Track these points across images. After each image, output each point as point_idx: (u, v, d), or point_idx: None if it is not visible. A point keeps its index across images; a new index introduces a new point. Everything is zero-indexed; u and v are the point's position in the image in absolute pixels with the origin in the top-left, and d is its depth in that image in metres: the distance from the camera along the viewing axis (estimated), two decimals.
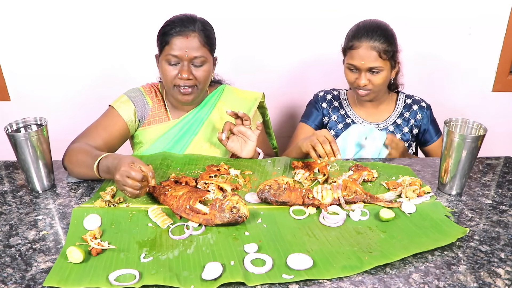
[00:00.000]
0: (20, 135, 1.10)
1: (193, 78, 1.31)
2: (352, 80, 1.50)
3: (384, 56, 1.43)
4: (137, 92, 1.42)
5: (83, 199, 1.14)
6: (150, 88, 1.45)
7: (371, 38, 1.42)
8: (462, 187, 1.17)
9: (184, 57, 1.28)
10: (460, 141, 1.10)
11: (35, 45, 1.91)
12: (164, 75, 1.33)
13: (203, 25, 1.31)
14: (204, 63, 1.32)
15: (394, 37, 1.47)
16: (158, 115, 1.43)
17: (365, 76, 1.46)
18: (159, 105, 1.43)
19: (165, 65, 1.31)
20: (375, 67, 1.44)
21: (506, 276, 0.86)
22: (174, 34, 1.27)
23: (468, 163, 1.12)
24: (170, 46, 1.28)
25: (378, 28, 1.44)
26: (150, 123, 1.42)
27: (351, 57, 1.47)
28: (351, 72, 1.50)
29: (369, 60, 1.43)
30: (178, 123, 1.42)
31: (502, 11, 1.95)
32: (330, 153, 1.19)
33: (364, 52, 1.43)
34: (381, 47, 1.42)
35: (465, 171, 1.14)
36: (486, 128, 1.15)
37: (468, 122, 1.20)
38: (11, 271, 0.86)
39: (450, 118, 1.21)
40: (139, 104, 1.40)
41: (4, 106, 2.02)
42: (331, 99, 1.66)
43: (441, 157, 1.17)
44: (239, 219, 0.98)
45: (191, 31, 1.28)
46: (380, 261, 0.87)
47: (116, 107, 1.36)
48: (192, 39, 1.28)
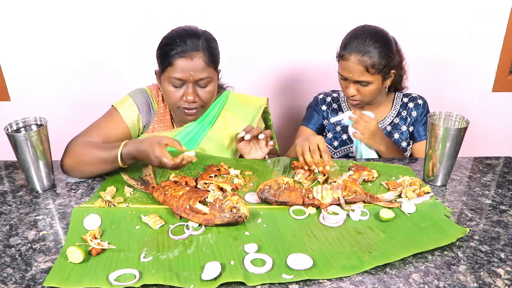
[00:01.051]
0: (20, 135, 1.10)
1: (199, 100, 1.27)
2: (344, 88, 1.50)
3: (372, 71, 1.39)
4: (143, 94, 1.36)
5: (83, 199, 1.14)
6: (157, 92, 1.39)
7: (359, 52, 1.38)
8: (447, 179, 1.22)
9: (189, 79, 1.22)
10: (444, 133, 1.14)
11: (35, 45, 1.91)
12: (168, 97, 1.28)
13: (207, 42, 1.23)
14: (210, 83, 1.27)
15: (388, 48, 1.41)
16: (163, 122, 1.38)
17: (353, 86, 1.44)
18: (165, 112, 1.38)
19: (169, 87, 1.25)
20: (362, 81, 1.41)
21: (506, 276, 0.86)
22: (177, 56, 1.20)
23: (452, 154, 1.17)
24: (173, 68, 1.21)
25: (371, 39, 1.39)
26: (155, 129, 1.37)
27: (341, 67, 1.45)
28: (342, 81, 1.49)
29: (356, 74, 1.40)
30: (181, 132, 1.37)
31: (502, 11, 1.95)
32: (318, 163, 1.20)
33: (351, 65, 1.40)
34: (369, 62, 1.38)
35: (450, 163, 1.19)
36: (468, 120, 1.19)
37: (451, 115, 1.24)
38: (11, 271, 0.87)
39: (434, 112, 1.25)
40: (144, 109, 1.34)
41: (4, 106, 2.02)
42: (330, 102, 1.65)
43: (425, 149, 1.21)
44: (239, 219, 0.98)
45: (195, 52, 1.20)
46: (380, 261, 0.87)
47: (120, 110, 1.31)
48: (196, 60, 1.21)
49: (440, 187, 1.21)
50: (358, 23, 1.93)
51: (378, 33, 1.42)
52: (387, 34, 1.44)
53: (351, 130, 1.44)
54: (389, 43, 1.42)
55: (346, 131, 1.59)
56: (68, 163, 1.21)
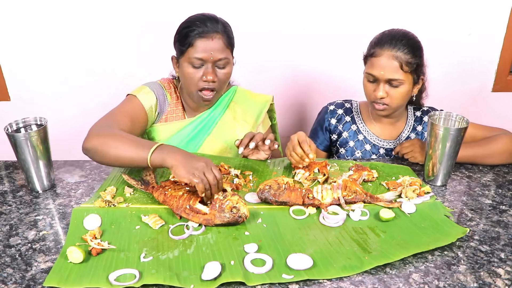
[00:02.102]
0: (20, 135, 1.10)
1: (217, 80, 1.29)
2: (370, 92, 1.39)
3: (406, 68, 1.31)
4: (158, 86, 1.39)
5: (83, 199, 1.14)
6: (169, 84, 1.42)
7: (394, 46, 1.31)
8: (447, 179, 1.21)
9: (209, 59, 1.25)
10: (444, 133, 1.14)
11: (35, 45, 1.91)
12: (187, 78, 1.30)
13: (224, 26, 1.28)
14: (227, 65, 1.30)
15: (420, 50, 1.36)
16: (176, 112, 1.41)
17: (383, 88, 1.34)
18: (177, 102, 1.42)
19: (188, 67, 1.28)
20: (395, 79, 1.32)
21: (506, 276, 0.86)
22: (197, 36, 1.24)
23: (452, 154, 1.17)
24: (194, 48, 1.25)
25: (403, 37, 1.33)
26: (167, 119, 1.40)
27: (371, 66, 1.36)
28: (369, 83, 1.38)
29: (389, 70, 1.31)
30: (192, 122, 1.41)
31: (502, 11, 1.95)
32: (302, 156, 1.21)
33: (385, 61, 1.32)
34: (404, 58, 1.31)
35: (450, 163, 1.18)
36: (468, 120, 1.19)
37: (451, 115, 1.24)
38: (11, 271, 0.87)
39: (434, 112, 1.25)
40: (160, 98, 1.37)
41: (4, 106, 2.02)
42: (342, 114, 1.53)
43: (426, 149, 1.20)
44: (239, 219, 0.98)
45: (215, 33, 1.25)
46: (380, 261, 0.87)
47: (139, 96, 1.32)
48: (216, 41, 1.25)
49: (440, 187, 1.21)
50: (358, 24, 1.94)
51: (409, 33, 1.38)
52: (416, 37, 1.39)
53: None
54: (420, 45, 1.38)
55: (360, 147, 1.51)
56: (93, 143, 1.12)
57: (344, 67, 2.04)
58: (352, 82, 2.04)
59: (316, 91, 2.10)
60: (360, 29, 1.95)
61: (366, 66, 1.40)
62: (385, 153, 1.49)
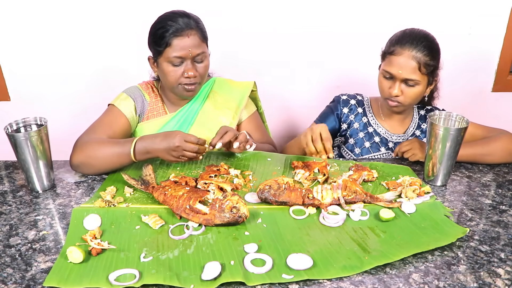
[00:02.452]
0: (20, 135, 1.10)
1: (198, 75, 1.33)
2: (385, 88, 1.41)
3: (424, 70, 1.34)
4: (135, 89, 1.44)
5: (83, 199, 1.14)
6: (147, 85, 1.47)
7: (415, 47, 1.33)
8: (447, 179, 1.22)
9: (188, 56, 1.29)
10: (444, 133, 1.14)
11: (35, 45, 1.91)
12: (167, 76, 1.32)
13: (196, 21, 1.32)
14: (205, 58, 1.34)
15: (438, 52, 1.38)
16: (156, 109, 1.45)
17: (399, 86, 1.37)
18: (156, 100, 1.45)
19: (168, 66, 1.31)
20: (411, 79, 1.34)
21: (506, 276, 0.86)
22: (173, 36, 1.27)
23: (452, 154, 1.17)
24: (171, 47, 1.28)
25: (424, 39, 1.34)
26: (149, 117, 1.44)
27: (389, 63, 1.37)
28: (385, 80, 1.40)
29: (407, 70, 1.33)
30: (174, 116, 1.44)
31: (502, 11, 1.95)
32: (321, 151, 1.21)
33: (404, 60, 1.33)
34: (423, 59, 1.32)
35: (450, 163, 1.18)
36: (468, 120, 1.19)
37: (451, 115, 1.24)
38: (11, 271, 0.87)
39: (434, 112, 1.25)
40: (138, 100, 1.41)
41: (4, 106, 2.02)
42: (354, 105, 1.56)
43: (426, 149, 1.21)
44: (239, 219, 0.98)
45: (189, 29, 1.28)
46: (380, 261, 0.87)
47: (117, 104, 1.37)
48: (192, 37, 1.28)
49: (440, 187, 1.21)
50: (357, 23, 1.94)
51: (429, 35, 1.38)
52: (435, 39, 1.40)
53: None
54: (438, 47, 1.39)
55: (369, 139, 1.53)
56: (78, 158, 1.21)
57: (343, 67, 2.04)
58: (351, 82, 2.04)
59: (315, 91, 2.10)
60: (360, 29, 1.95)
61: (383, 63, 1.41)
62: (393, 147, 1.52)
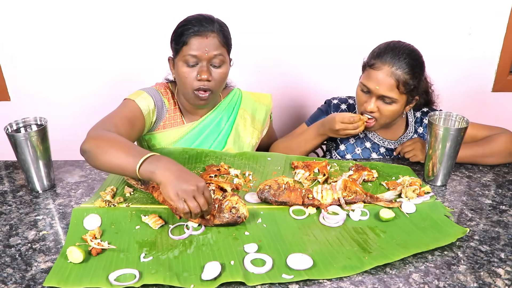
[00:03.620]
0: (20, 135, 1.10)
1: (212, 80, 1.27)
2: (361, 102, 1.35)
3: (402, 88, 1.27)
4: (154, 91, 1.36)
5: (83, 199, 1.14)
6: (166, 89, 1.39)
7: (396, 63, 1.26)
8: (447, 179, 1.22)
9: (204, 56, 1.24)
10: (444, 133, 1.14)
11: (35, 45, 1.91)
12: (182, 77, 1.27)
13: (220, 26, 1.28)
14: (223, 64, 1.28)
15: (421, 70, 1.32)
16: (174, 118, 1.38)
17: (375, 102, 1.31)
18: (175, 108, 1.39)
19: (183, 66, 1.26)
20: (388, 97, 1.29)
21: (506, 276, 0.86)
22: (192, 34, 1.23)
23: (452, 154, 1.17)
24: (188, 46, 1.24)
25: (407, 55, 1.28)
26: (166, 126, 1.37)
27: (368, 77, 1.31)
28: (362, 93, 1.35)
29: (385, 87, 1.27)
30: (194, 128, 1.38)
31: (502, 11, 1.95)
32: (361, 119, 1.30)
33: (383, 76, 1.27)
34: (403, 77, 1.26)
35: (450, 163, 1.19)
36: (468, 120, 1.19)
37: (451, 115, 1.24)
38: (11, 271, 0.87)
39: (434, 112, 1.25)
40: (159, 104, 1.34)
41: (4, 106, 2.02)
42: (345, 109, 1.51)
43: (426, 149, 1.21)
44: (238, 219, 0.98)
45: (210, 31, 1.24)
46: (380, 261, 0.87)
47: (137, 101, 1.28)
48: (211, 39, 1.24)
49: (440, 187, 1.21)
50: (358, 23, 1.94)
51: (414, 51, 1.32)
52: (421, 56, 1.34)
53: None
54: (422, 66, 1.33)
55: (360, 144, 1.49)
56: (90, 145, 1.05)
57: (343, 67, 2.04)
58: (350, 82, 2.04)
59: (313, 92, 2.10)
60: (360, 28, 1.95)
61: (363, 75, 1.36)
62: (385, 152, 1.48)
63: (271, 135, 1.60)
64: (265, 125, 1.50)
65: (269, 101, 1.53)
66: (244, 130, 1.45)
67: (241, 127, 1.45)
